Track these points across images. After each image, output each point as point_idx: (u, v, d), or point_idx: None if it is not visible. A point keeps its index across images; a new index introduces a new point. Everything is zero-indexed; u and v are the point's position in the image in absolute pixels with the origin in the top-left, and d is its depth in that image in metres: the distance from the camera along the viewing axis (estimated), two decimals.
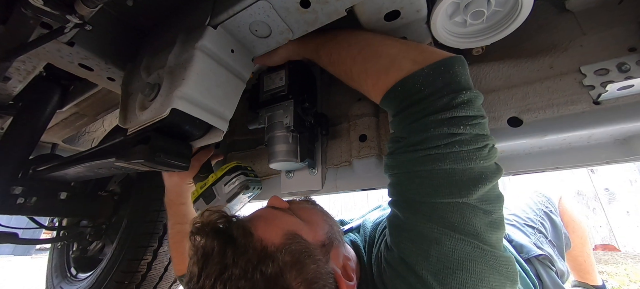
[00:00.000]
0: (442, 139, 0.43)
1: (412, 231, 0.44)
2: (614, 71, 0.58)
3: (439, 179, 0.43)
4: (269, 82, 0.77)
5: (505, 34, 0.57)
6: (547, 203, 1.06)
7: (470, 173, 0.42)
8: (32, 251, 6.96)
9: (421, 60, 0.48)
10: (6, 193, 1.04)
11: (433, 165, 0.43)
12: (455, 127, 0.43)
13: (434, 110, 0.44)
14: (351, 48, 0.57)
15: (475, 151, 0.43)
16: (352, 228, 0.73)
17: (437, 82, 0.45)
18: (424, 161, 0.44)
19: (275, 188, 0.96)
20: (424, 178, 0.44)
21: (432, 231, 0.42)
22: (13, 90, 0.87)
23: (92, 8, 0.47)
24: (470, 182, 0.42)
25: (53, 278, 1.51)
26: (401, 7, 0.55)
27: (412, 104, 0.47)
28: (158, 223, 1.25)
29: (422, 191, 0.44)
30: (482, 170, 0.43)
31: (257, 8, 0.53)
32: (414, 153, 0.45)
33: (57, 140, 1.45)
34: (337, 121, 0.87)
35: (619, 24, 0.62)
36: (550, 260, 0.87)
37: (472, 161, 0.42)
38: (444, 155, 0.43)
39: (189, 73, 0.52)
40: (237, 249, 0.43)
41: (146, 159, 0.54)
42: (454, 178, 0.42)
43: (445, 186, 0.42)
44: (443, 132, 0.43)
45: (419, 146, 0.45)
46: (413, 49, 0.51)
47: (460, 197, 0.42)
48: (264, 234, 0.46)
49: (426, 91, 0.45)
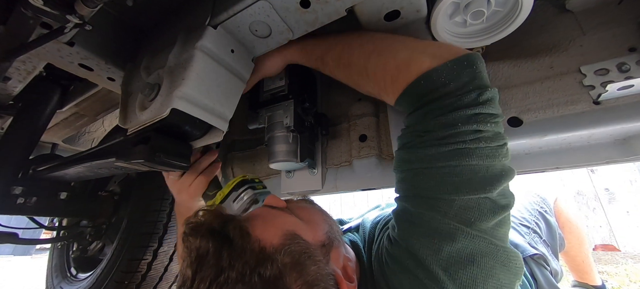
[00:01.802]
0: (470, 135, 0.43)
1: (424, 226, 0.44)
2: (614, 71, 0.58)
3: (462, 175, 0.43)
4: (269, 82, 0.77)
5: (505, 34, 0.57)
6: (542, 203, 1.07)
7: (493, 170, 0.43)
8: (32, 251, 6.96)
9: (441, 55, 0.47)
10: (6, 193, 1.04)
11: (459, 160, 0.43)
12: (482, 124, 0.43)
13: (462, 104, 0.44)
14: (365, 46, 0.57)
15: (498, 149, 0.44)
16: (351, 228, 0.73)
17: (463, 77, 0.45)
18: (450, 155, 0.44)
19: (275, 188, 0.96)
20: (445, 174, 0.44)
21: (447, 227, 0.42)
22: (13, 90, 0.87)
23: (92, 8, 0.47)
24: (494, 178, 0.42)
25: (53, 278, 1.51)
26: (401, 7, 0.55)
27: (438, 98, 0.46)
28: (158, 223, 1.25)
29: (441, 188, 0.44)
30: (502, 167, 0.44)
31: (257, 8, 0.53)
32: (439, 147, 0.44)
33: (57, 140, 1.45)
34: (337, 121, 0.87)
35: (619, 24, 0.62)
36: (544, 259, 0.88)
37: (495, 159, 0.43)
38: (471, 151, 0.43)
39: (189, 73, 0.52)
40: (234, 250, 0.40)
41: (146, 159, 0.54)
42: (478, 175, 0.43)
43: (468, 182, 0.42)
44: (471, 128, 0.43)
45: (445, 140, 0.44)
46: (430, 45, 0.52)
47: (485, 192, 0.42)
48: (262, 234, 0.43)
49: (452, 85, 0.45)
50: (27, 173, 1.10)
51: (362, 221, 0.72)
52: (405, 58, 0.50)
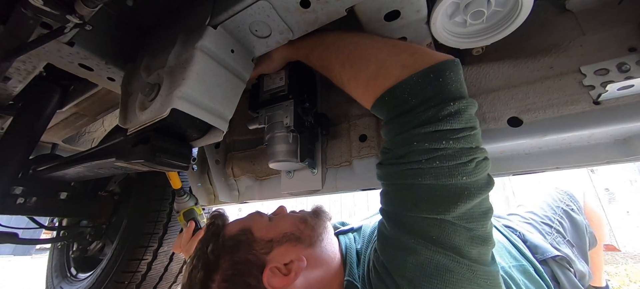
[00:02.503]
0: (424, 154, 0.43)
1: (393, 239, 0.47)
2: (614, 71, 0.58)
3: (419, 194, 0.43)
4: (269, 82, 0.77)
5: (505, 34, 0.57)
6: (569, 200, 1.02)
7: (451, 189, 0.42)
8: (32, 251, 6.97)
9: (411, 64, 0.47)
10: (6, 193, 1.04)
11: (413, 179, 0.44)
12: (437, 142, 0.42)
13: (418, 122, 0.44)
14: (340, 52, 0.57)
15: (458, 167, 0.42)
16: (353, 229, 0.74)
17: (426, 91, 0.44)
18: (405, 175, 0.45)
19: (276, 188, 0.96)
20: (406, 191, 0.45)
21: (410, 242, 0.43)
22: (13, 90, 0.87)
23: (92, 8, 0.47)
24: (450, 199, 0.41)
25: (53, 278, 1.51)
26: (401, 7, 0.55)
27: (399, 115, 0.47)
28: (158, 223, 1.26)
29: (404, 204, 0.45)
30: (465, 186, 0.42)
31: (257, 8, 0.53)
32: (397, 166, 0.46)
33: (57, 140, 1.45)
34: (337, 121, 0.87)
35: (619, 24, 0.61)
36: (568, 261, 0.84)
37: (453, 177, 0.42)
38: (424, 170, 0.43)
39: (189, 73, 0.52)
40: (210, 236, 0.61)
41: (146, 159, 0.54)
42: (435, 194, 0.42)
43: (425, 201, 0.43)
44: (424, 147, 0.43)
45: (402, 159, 0.45)
46: (403, 52, 0.50)
47: (438, 214, 0.42)
48: (229, 228, 0.62)
49: (413, 101, 0.45)
50: (27, 173, 1.10)
51: (363, 225, 0.73)
52: (374, 71, 0.50)
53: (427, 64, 0.45)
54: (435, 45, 0.67)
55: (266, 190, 0.98)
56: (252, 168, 0.98)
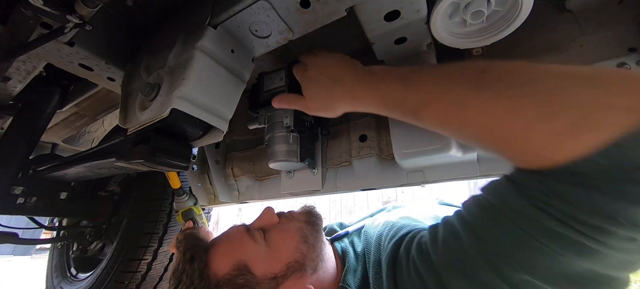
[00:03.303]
0: (621, 242, 0.29)
1: (474, 275, 0.36)
2: None
3: (558, 267, 0.31)
4: (269, 82, 0.77)
5: (505, 34, 0.57)
6: None
7: (605, 279, 0.31)
8: (32, 251, 6.97)
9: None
10: (6, 193, 1.04)
11: (570, 254, 0.30)
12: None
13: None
14: (487, 97, 0.35)
15: (634, 263, 0.30)
16: (348, 233, 0.72)
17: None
18: (561, 241, 0.30)
19: (276, 188, 0.96)
20: (540, 255, 0.31)
21: (494, 285, 0.34)
22: (13, 90, 0.87)
23: (92, 8, 0.47)
24: (588, 285, 0.31)
25: (53, 278, 1.51)
26: (401, 7, 0.55)
27: (616, 176, 0.29)
28: (158, 223, 1.26)
29: (522, 262, 0.33)
30: (619, 280, 0.31)
31: (257, 8, 0.53)
32: (556, 224, 0.30)
33: (57, 140, 1.45)
34: (337, 121, 0.87)
35: (619, 24, 0.61)
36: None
37: (621, 271, 0.31)
38: (600, 255, 0.29)
39: (189, 73, 0.52)
40: (192, 271, 0.50)
41: (146, 159, 0.54)
42: (575, 273, 0.31)
43: (555, 275, 0.31)
44: (629, 234, 0.28)
45: (575, 224, 0.29)
46: (618, 84, 0.30)
47: (552, 286, 0.32)
48: (215, 262, 0.51)
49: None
50: (27, 173, 1.10)
51: (365, 226, 0.71)
52: (573, 120, 0.30)
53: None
54: (435, 45, 0.67)
55: (266, 190, 0.99)
56: (252, 168, 0.98)
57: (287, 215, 0.65)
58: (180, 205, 1.03)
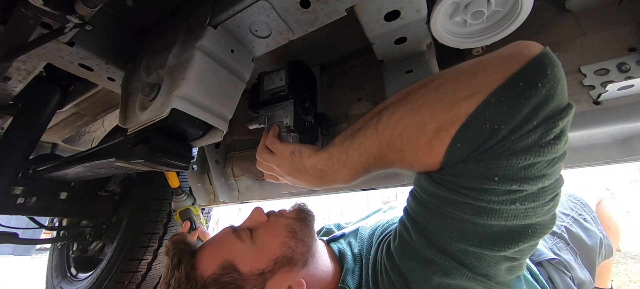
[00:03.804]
0: (505, 195, 0.33)
1: (418, 252, 0.41)
2: (614, 71, 0.58)
3: (475, 230, 0.35)
4: (269, 81, 0.77)
5: (505, 33, 0.57)
6: (582, 209, 0.98)
7: (518, 230, 0.35)
8: (32, 251, 6.96)
9: (479, 86, 0.34)
10: (6, 193, 1.04)
11: (476, 218, 0.34)
12: (530, 181, 0.32)
13: (509, 153, 0.32)
14: (379, 143, 0.41)
15: (539, 208, 0.34)
16: (345, 234, 0.72)
17: (520, 109, 0.32)
18: (466, 209, 0.35)
19: (276, 188, 0.96)
20: (458, 223, 0.36)
21: (442, 262, 0.38)
22: (13, 90, 0.87)
23: (92, 8, 0.47)
24: (512, 239, 0.35)
25: (53, 278, 1.51)
26: (401, 7, 0.55)
27: (479, 152, 0.34)
28: (158, 223, 1.25)
29: (448, 233, 0.38)
30: (535, 225, 0.35)
31: (257, 8, 0.53)
32: (458, 196, 0.35)
33: (57, 140, 1.45)
34: (337, 121, 0.87)
35: (619, 24, 0.61)
36: (565, 266, 0.82)
37: (527, 219, 0.34)
38: (497, 211, 0.33)
39: (189, 73, 0.52)
40: (180, 275, 0.51)
41: (146, 159, 0.54)
42: (494, 233, 0.35)
43: (479, 237, 0.36)
44: (509, 187, 0.32)
45: (470, 192, 0.34)
46: (456, 79, 0.36)
47: (489, 251, 0.36)
48: (202, 264, 0.52)
49: (502, 130, 0.33)
50: (27, 173, 1.10)
51: (360, 228, 0.71)
52: (433, 126, 0.35)
53: (512, 71, 0.32)
54: (435, 45, 0.67)
55: (266, 190, 0.99)
56: (252, 168, 0.98)
57: (277, 213, 0.64)
58: (179, 204, 1.03)
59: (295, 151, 0.55)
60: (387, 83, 0.72)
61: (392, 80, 0.72)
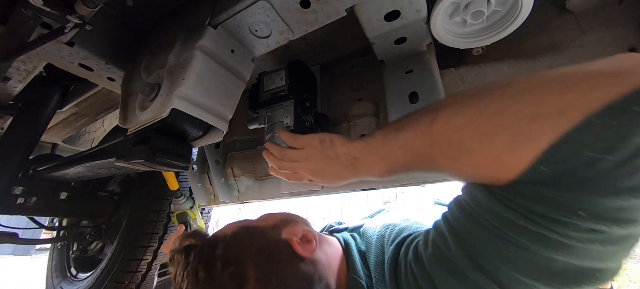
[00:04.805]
0: (585, 233, 0.29)
1: (457, 268, 0.36)
2: None
3: (536, 263, 0.31)
4: (269, 81, 0.77)
5: (505, 33, 0.57)
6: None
7: (585, 270, 0.30)
8: (32, 251, 6.97)
9: (575, 103, 0.29)
10: (6, 193, 1.04)
11: (543, 251, 0.30)
12: (617, 221, 0.28)
13: (607, 191, 0.28)
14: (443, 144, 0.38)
15: (617, 253, 0.30)
16: (348, 228, 0.72)
17: (632, 138, 0.27)
18: (532, 239, 0.30)
19: (276, 188, 0.96)
20: (516, 252, 0.32)
21: (479, 281, 0.34)
22: (13, 90, 0.87)
23: (92, 8, 0.47)
24: (574, 279, 0.31)
25: (53, 278, 1.51)
26: (401, 7, 0.55)
27: (572, 179, 0.30)
28: (158, 223, 1.26)
29: (500, 258, 0.33)
30: (602, 270, 0.30)
31: (257, 8, 0.53)
32: (526, 222, 0.31)
33: (57, 140, 1.45)
34: (337, 121, 0.87)
35: (619, 24, 0.61)
36: None
37: (602, 262, 0.30)
38: (570, 249, 0.29)
39: (189, 73, 0.52)
40: (208, 256, 0.49)
41: (146, 159, 0.54)
42: (556, 267, 0.30)
43: (538, 272, 0.31)
44: (596, 227, 0.28)
45: (542, 221, 0.30)
46: (544, 90, 0.32)
47: (544, 285, 0.32)
48: (223, 230, 0.54)
49: (608, 159, 0.28)
50: (27, 173, 1.10)
51: (364, 227, 0.71)
52: (507, 139, 0.31)
53: (622, 91, 0.26)
54: (435, 45, 0.67)
55: (266, 190, 0.98)
56: (252, 168, 0.98)
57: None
58: (177, 206, 1.03)
59: (325, 139, 0.55)
60: (387, 83, 0.72)
61: (392, 80, 0.72)
